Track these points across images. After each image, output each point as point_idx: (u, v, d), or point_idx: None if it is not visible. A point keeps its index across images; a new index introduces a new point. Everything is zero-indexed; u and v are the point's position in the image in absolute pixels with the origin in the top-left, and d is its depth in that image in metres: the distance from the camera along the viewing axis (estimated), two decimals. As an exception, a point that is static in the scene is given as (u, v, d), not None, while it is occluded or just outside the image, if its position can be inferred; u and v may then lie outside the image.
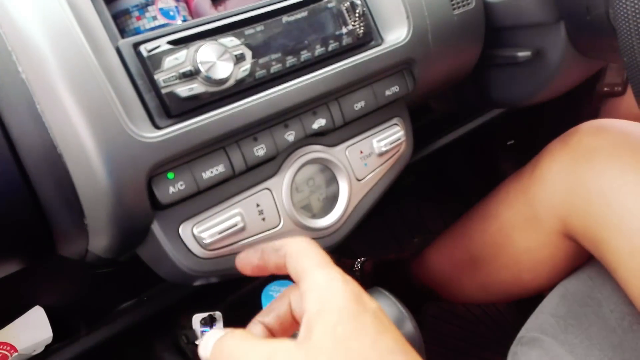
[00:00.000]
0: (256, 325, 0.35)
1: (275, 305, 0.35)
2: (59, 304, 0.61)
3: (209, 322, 0.61)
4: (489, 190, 0.80)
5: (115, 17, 0.43)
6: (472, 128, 1.00)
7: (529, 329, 0.66)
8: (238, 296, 0.66)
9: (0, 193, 0.37)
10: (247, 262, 0.37)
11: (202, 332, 0.61)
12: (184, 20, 0.45)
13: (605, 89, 0.88)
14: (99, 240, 0.40)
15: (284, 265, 0.34)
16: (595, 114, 0.94)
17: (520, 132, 1.17)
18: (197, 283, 0.47)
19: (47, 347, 0.59)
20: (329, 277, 0.31)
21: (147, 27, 0.43)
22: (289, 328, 0.35)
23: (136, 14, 0.43)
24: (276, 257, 0.35)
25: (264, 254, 0.36)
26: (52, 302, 0.60)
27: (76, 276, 0.61)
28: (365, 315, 0.30)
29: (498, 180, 0.81)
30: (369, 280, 1.02)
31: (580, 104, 0.96)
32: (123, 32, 0.44)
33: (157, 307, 0.64)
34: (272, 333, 0.35)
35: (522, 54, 0.57)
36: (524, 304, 0.92)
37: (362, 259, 1.06)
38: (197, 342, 0.61)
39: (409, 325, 0.46)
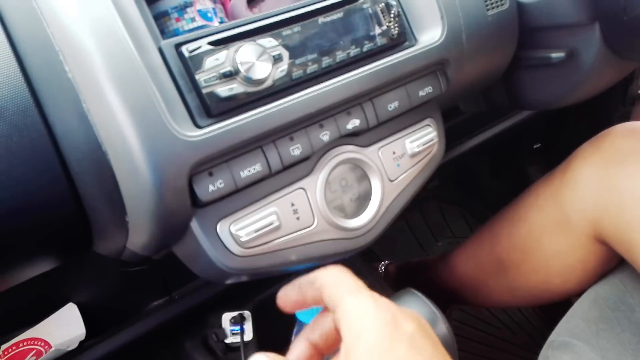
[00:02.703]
0: (301, 342, 0.35)
1: (319, 321, 0.35)
2: (92, 301, 0.61)
3: (239, 321, 0.62)
4: (514, 194, 0.79)
5: (155, 18, 0.44)
6: (497, 132, 1.00)
7: (560, 333, 0.65)
8: (267, 295, 0.67)
9: (42, 191, 0.38)
10: (287, 299, 0.37)
11: (232, 330, 0.62)
12: (221, 22, 0.46)
13: (639, 91, 0.87)
14: (139, 237, 0.41)
15: (321, 297, 0.34)
16: (627, 116, 0.93)
17: (546, 135, 1.16)
18: (229, 281, 0.47)
19: (81, 343, 0.60)
20: (361, 306, 0.31)
21: (186, 28, 0.44)
22: (334, 344, 0.35)
23: (175, 15, 0.44)
24: (312, 290, 0.35)
25: (301, 289, 0.36)
26: (85, 299, 0.61)
27: (108, 274, 0.62)
28: (398, 345, 0.30)
29: (523, 184, 0.81)
30: (392, 283, 1.02)
31: (611, 106, 0.95)
32: (162, 34, 0.44)
33: (187, 306, 0.65)
34: (317, 349, 0.35)
35: (556, 55, 0.57)
36: (549, 309, 0.91)
37: (386, 261, 1.06)
38: (226, 341, 0.62)
39: (442, 326, 0.46)
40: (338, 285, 0.33)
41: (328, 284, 0.34)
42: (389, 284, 1.02)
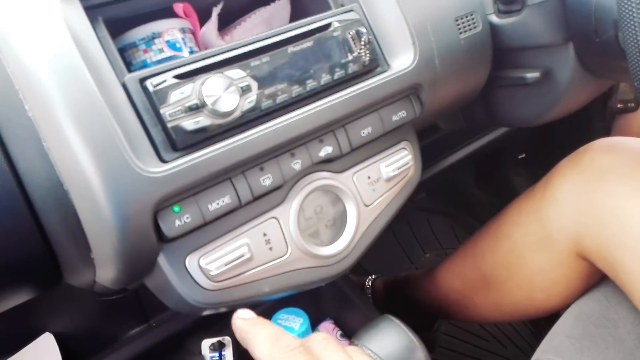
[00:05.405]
0: None
1: None
2: (69, 330, 0.61)
3: (218, 348, 0.61)
4: (500, 204, 0.79)
5: (122, 50, 0.44)
6: (482, 144, 1.00)
7: (544, 351, 0.64)
8: (247, 321, 0.66)
9: (8, 227, 0.37)
10: None
11: (212, 357, 0.61)
12: (191, 52, 0.45)
13: (619, 105, 0.87)
14: (106, 272, 0.40)
15: None
16: (607, 130, 0.93)
17: (531, 145, 1.16)
18: (205, 313, 0.47)
19: (57, 374, 0.59)
20: None
21: (154, 59, 0.43)
22: None
23: (143, 47, 0.43)
24: None
25: None
26: (62, 329, 0.60)
27: (85, 303, 0.61)
28: None
29: (509, 194, 0.80)
30: (380, 299, 1.01)
31: (592, 118, 0.95)
32: (130, 65, 0.44)
33: (166, 333, 0.64)
34: None
35: (531, 75, 0.57)
36: (539, 321, 0.90)
37: (373, 276, 1.06)
38: (206, 368, 0.61)
39: (420, 355, 0.45)
40: None
41: None
42: (377, 300, 1.02)
